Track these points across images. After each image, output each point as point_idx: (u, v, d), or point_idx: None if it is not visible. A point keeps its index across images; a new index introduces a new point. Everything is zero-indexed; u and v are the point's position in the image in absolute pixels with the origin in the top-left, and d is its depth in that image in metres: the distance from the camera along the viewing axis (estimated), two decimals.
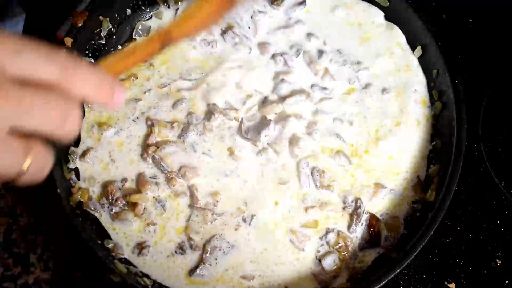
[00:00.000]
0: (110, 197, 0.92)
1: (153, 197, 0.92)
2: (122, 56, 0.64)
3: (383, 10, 1.05)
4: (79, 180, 0.94)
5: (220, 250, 0.89)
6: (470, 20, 1.12)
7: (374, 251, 0.90)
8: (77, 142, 0.97)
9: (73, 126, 0.50)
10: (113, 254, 0.88)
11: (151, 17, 1.07)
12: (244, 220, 0.91)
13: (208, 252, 0.88)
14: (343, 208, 0.92)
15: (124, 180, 0.94)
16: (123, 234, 0.91)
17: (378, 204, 0.93)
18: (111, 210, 0.92)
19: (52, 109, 0.48)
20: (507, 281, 0.93)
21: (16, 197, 0.99)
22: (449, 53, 0.95)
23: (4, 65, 0.46)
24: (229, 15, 0.91)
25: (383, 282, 0.80)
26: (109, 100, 0.54)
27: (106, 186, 0.93)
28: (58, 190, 0.86)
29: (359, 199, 0.92)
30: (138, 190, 0.92)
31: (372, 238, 0.91)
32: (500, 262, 0.94)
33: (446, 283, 0.93)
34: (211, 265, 0.88)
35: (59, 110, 0.48)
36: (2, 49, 0.46)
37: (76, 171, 0.95)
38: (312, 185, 0.93)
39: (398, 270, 0.81)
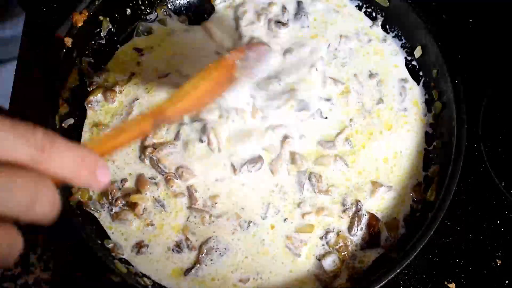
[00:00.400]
0: (110, 197, 0.92)
1: (153, 197, 0.92)
2: (111, 135, 0.61)
3: (382, 10, 1.05)
4: None
5: (216, 251, 0.89)
6: (470, 20, 1.12)
7: (375, 251, 0.90)
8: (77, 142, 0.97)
9: (46, 208, 0.47)
10: (113, 254, 0.88)
11: (153, 21, 1.07)
12: (240, 226, 0.91)
13: (204, 253, 0.88)
14: (343, 211, 0.92)
15: (123, 180, 0.94)
16: (121, 234, 0.91)
17: (378, 204, 0.93)
18: (111, 210, 0.92)
19: (18, 190, 0.44)
20: (507, 281, 0.93)
21: None
22: (449, 53, 0.95)
23: None
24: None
25: (383, 282, 0.80)
26: (91, 179, 0.51)
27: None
28: (58, 190, 0.86)
29: (359, 201, 0.92)
30: (137, 191, 0.92)
31: (372, 238, 0.91)
32: (500, 262, 0.94)
33: (446, 283, 0.93)
34: (206, 265, 0.88)
35: (27, 190, 0.45)
36: None
37: None
38: (310, 190, 0.93)
39: (398, 270, 0.81)
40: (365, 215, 0.91)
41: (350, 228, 0.90)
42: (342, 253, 0.89)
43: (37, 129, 0.46)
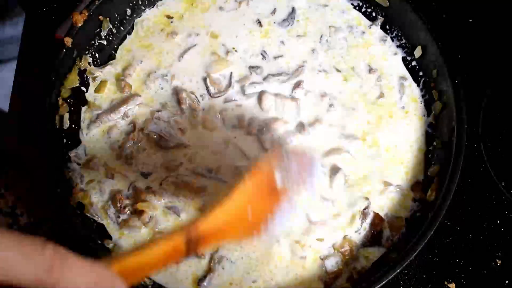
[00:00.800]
0: (118, 205, 0.90)
1: (165, 206, 0.91)
2: (137, 256, 0.53)
3: (382, 10, 1.05)
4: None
5: (227, 260, 0.88)
6: (470, 20, 1.12)
7: (376, 250, 0.90)
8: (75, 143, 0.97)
9: None
10: (113, 254, 0.88)
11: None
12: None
13: (216, 262, 0.88)
14: (350, 206, 0.92)
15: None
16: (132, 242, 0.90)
17: (383, 203, 0.93)
18: (118, 217, 0.90)
19: None
20: (507, 281, 0.93)
21: (16, 197, 0.99)
22: (449, 53, 0.95)
23: None
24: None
25: (383, 282, 0.80)
26: None
27: (114, 195, 0.92)
28: (58, 190, 0.86)
29: (367, 199, 0.91)
30: (141, 199, 0.91)
31: (374, 237, 0.90)
32: (500, 262, 0.94)
33: (446, 283, 0.93)
34: (219, 275, 0.87)
35: None
36: None
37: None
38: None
39: (398, 270, 0.81)
40: (371, 213, 0.91)
41: (353, 225, 0.90)
42: (346, 256, 0.89)
43: (47, 246, 0.42)
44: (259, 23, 1.05)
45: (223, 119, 0.97)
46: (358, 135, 0.97)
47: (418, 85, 1.01)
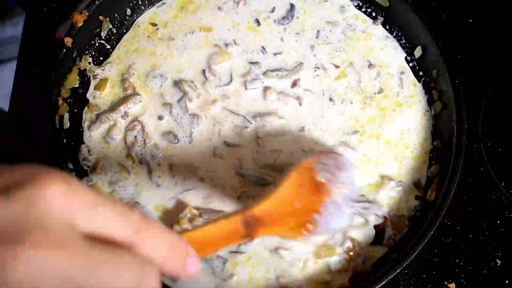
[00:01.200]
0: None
1: None
2: (202, 231, 0.61)
3: (382, 10, 1.05)
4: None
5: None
6: (470, 20, 1.12)
7: (377, 250, 0.89)
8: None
9: None
10: None
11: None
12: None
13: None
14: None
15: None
16: None
17: (384, 201, 0.92)
18: None
19: (123, 269, 0.43)
20: (507, 281, 0.93)
21: None
22: (449, 53, 0.95)
23: (76, 219, 0.42)
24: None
25: (383, 282, 0.80)
26: (181, 268, 0.50)
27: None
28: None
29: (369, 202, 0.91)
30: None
31: (375, 235, 0.90)
32: (500, 262, 0.94)
33: (446, 283, 0.93)
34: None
35: (133, 274, 0.44)
36: (78, 203, 0.42)
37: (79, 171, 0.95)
38: None
39: (398, 270, 0.81)
40: (372, 214, 0.91)
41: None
42: (349, 253, 0.89)
43: (135, 210, 0.47)
44: (257, 22, 1.05)
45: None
46: (358, 131, 0.97)
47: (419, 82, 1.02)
